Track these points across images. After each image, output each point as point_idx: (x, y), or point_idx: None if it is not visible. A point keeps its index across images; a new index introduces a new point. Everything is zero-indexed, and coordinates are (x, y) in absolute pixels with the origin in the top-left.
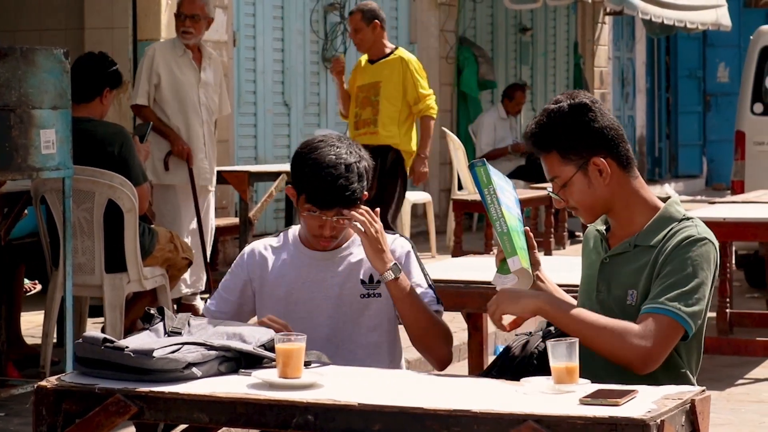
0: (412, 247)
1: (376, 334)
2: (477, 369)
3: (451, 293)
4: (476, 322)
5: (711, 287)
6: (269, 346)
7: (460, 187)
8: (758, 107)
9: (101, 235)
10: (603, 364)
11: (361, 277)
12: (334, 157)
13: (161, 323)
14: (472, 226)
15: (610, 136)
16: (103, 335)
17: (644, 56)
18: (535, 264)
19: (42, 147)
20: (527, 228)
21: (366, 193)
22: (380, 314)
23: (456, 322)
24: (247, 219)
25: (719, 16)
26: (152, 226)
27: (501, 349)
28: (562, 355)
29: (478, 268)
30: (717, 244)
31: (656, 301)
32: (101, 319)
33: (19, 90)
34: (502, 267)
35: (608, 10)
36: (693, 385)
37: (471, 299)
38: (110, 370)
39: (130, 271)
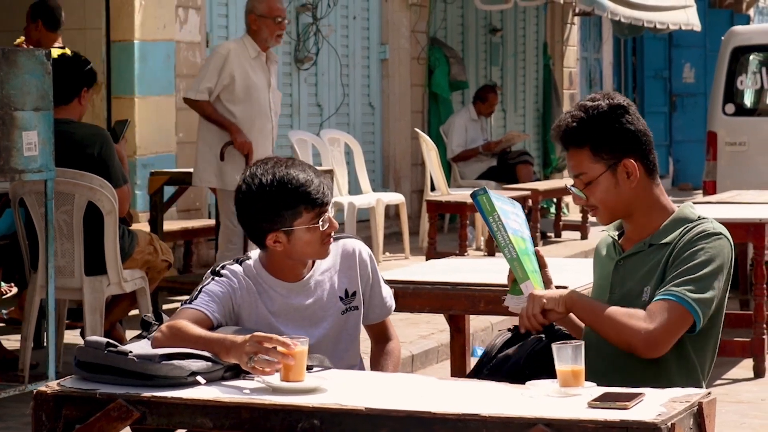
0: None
1: (355, 345)
2: (459, 370)
3: (437, 295)
4: (458, 324)
5: (725, 281)
6: None
7: (433, 188)
8: (730, 108)
9: (81, 238)
10: (611, 365)
11: (339, 294)
12: (285, 167)
13: None
14: (444, 226)
15: (644, 141)
16: (106, 339)
17: (611, 57)
18: (547, 282)
19: (24, 149)
20: (538, 248)
21: None
22: (357, 325)
23: (435, 323)
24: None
25: (689, 16)
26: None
27: (479, 351)
28: (568, 359)
29: (463, 269)
30: (732, 241)
31: (664, 288)
32: (79, 323)
33: (0, 92)
34: (514, 288)
35: (578, 10)
36: (702, 387)
37: (457, 301)
38: (111, 375)
39: (110, 274)
